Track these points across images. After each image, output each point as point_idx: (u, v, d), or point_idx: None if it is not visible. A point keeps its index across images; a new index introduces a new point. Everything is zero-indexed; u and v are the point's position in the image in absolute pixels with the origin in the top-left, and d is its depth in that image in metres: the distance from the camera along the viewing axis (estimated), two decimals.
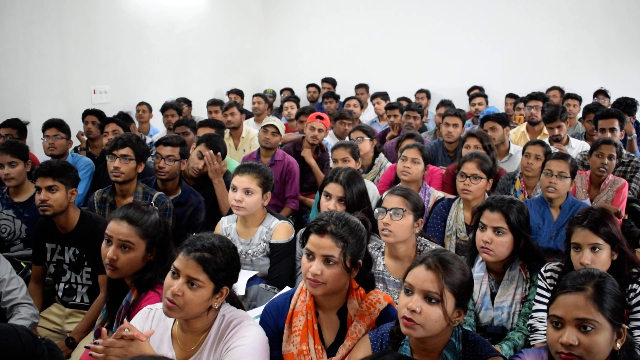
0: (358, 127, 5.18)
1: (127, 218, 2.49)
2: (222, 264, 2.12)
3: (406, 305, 2.00)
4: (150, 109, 7.12)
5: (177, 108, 6.57)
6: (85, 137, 5.75)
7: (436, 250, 2.13)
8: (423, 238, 3.13)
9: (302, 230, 3.39)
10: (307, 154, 5.23)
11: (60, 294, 3.49)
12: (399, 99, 7.71)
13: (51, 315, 3.47)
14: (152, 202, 2.69)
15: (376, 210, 3.05)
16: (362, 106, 8.12)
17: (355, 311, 2.32)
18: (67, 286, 3.46)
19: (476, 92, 7.81)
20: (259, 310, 2.78)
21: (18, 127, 5.16)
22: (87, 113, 5.82)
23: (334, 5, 9.91)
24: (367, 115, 8.39)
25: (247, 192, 3.31)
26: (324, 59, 9.97)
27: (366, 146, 4.98)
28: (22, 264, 3.71)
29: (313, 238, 2.25)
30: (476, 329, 2.90)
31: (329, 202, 3.29)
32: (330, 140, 6.13)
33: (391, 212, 2.96)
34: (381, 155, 5.15)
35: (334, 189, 3.30)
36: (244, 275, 3.15)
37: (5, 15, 5.94)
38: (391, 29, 9.45)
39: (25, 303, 3.17)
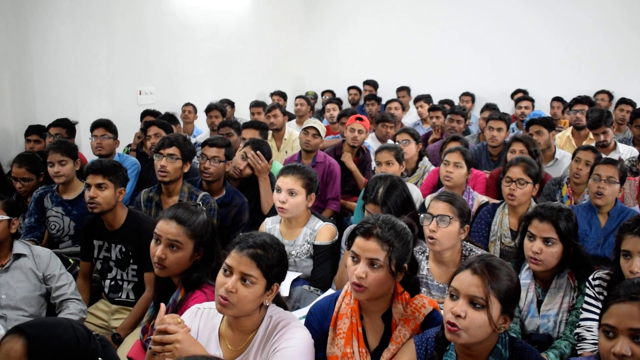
0: (404, 130, 5.14)
1: (176, 218, 2.52)
2: (273, 260, 2.14)
3: (451, 309, 1.99)
4: (195, 110, 7.22)
5: (221, 109, 6.64)
6: (140, 138, 5.85)
7: (482, 255, 2.11)
8: (468, 243, 3.10)
9: (346, 232, 3.43)
10: (348, 158, 5.22)
11: (106, 290, 3.56)
12: (442, 102, 7.64)
13: (98, 311, 3.55)
14: (200, 203, 2.71)
15: (422, 216, 3.02)
16: (404, 109, 8.08)
17: (400, 315, 2.31)
18: (113, 283, 3.53)
19: (522, 96, 7.68)
20: (302, 312, 2.80)
21: (67, 126, 5.30)
22: (145, 113, 5.95)
23: (375, 7, 9.87)
24: (409, 118, 8.35)
25: (292, 193, 3.33)
26: (366, 61, 9.94)
27: (412, 149, 4.95)
28: (70, 260, 3.78)
29: (358, 241, 2.25)
30: (521, 336, 2.86)
31: None
32: (371, 142, 6.11)
33: (437, 219, 2.93)
34: (425, 158, 5.11)
35: (373, 209, 3.25)
36: (288, 277, 3.16)
37: (56, 19, 6.11)
38: (434, 31, 9.36)
39: (74, 299, 3.25)
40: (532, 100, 7.25)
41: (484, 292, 1.95)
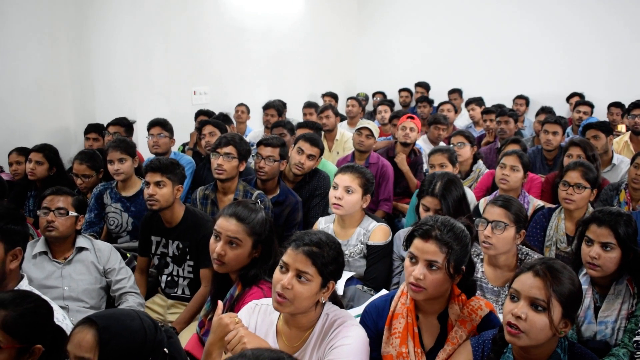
0: (459, 132, 5.11)
1: (235, 215, 2.56)
2: (329, 257, 2.16)
3: (511, 311, 1.98)
4: (248, 110, 7.31)
5: (278, 109, 6.71)
6: (196, 136, 5.96)
7: (545, 258, 2.10)
8: (524, 247, 3.07)
9: (401, 233, 3.44)
10: (401, 159, 5.21)
11: (162, 285, 3.65)
12: (494, 106, 7.55)
13: (154, 305, 3.62)
14: (258, 201, 2.76)
15: (476, 221, 3.00)
16: (456, 111, 8.02)
17: (456, 316, 2.31)
18: (169, 278, 3.60)
19: (580, 100, 7.51)
20: (356, 311, 2.81)
21: (125, 125, 5.44)
22: (199, 113, 6.08)
23: (428, 9, 9.81)
24: (461, 121, 8.28)
25: (348, 190, 3.35)
26: (417, 62, 9.88)
27: (466, 152, 4.92)
28: (127, 254, 3.88)
29: (417, 242, 2.25)
30: (577, 342, 2.81)
31: (427, 214, 3.26)
32: (423, 144, 6.09)
33: (492, 224, 2.91)
34: (479, 161, 5.06)
35: (430, 202, 3.24)
36: (343, 276, 3.17)
37: (116, 22, 6.28)
38: (486, 33, 9.25)
39: (132, 292, 3.34)
40: (591, 106, 7.08)
41: (545, 294, 1.94)
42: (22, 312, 1.85)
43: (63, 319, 2.36)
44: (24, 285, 2.46)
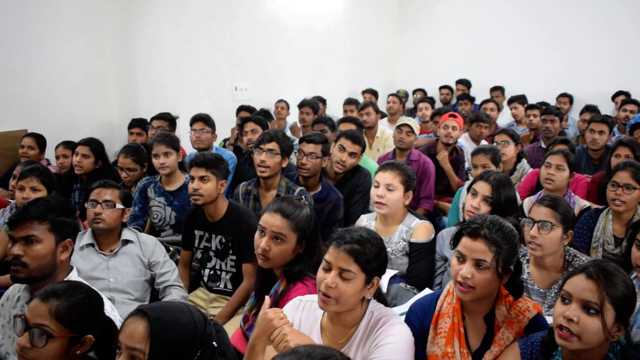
0: (503, 131, 5.03)
1: (280, 211, 2.57)
2: (371, 254, 2.14)
3: (562, 313, 1.94)
4: (288, 106, 7.34)
5: (313, 106, 6.71)
6: (237, 132, 6.00)
7: (597, 260, 2.05)
8: (572, 248, 3.01)
9: (444, 233, 3.41)
10: (443, 157, 5.17)
11: (205, 279, 3.68)
12: (539, 104, 7.42)
13: (197, 299, 3.66)
14: (303, 197, 2.76)
15: (522, 220, 2.96)
16: (499, 109, 7.91)
17: (503, 318, 2.27)
18: (212, 272, 3.63)
19: (626, 99, 7.34)
20: (399, 309, 2.80)
21: (169, 120, 5.51)
22: (241, 109, 6.10)
23: (469, 5, 9.70)
24: (502, 119, 8.16)
25: (390, 188, 3.34)
26: (458, 59, 9.77)
27: (510, 151, 4.84)
28: (170, 248, 3.92)
29: (465, 241, 2.23)
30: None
31: (474, 199, 3.22)
32: (465, 142, 6.03)
33: (539, 224, 2.86)
34: (524, 160, 4.98)
35: (482, 187, 3.23)
36: (386, 274, 3.16)
37: (160, 20, 6.35)
38: (529, 30, 9.09)
39: (176, 285, 3.38)
40: (638, 104, 6.92)
41: (598, 297, 1.89)
42: (74, 302, 1.89)
43: (111, 310, 2.40)
44: (73, 276, 2.51)
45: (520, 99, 7.67)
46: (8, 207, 4.10)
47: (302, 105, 6.80)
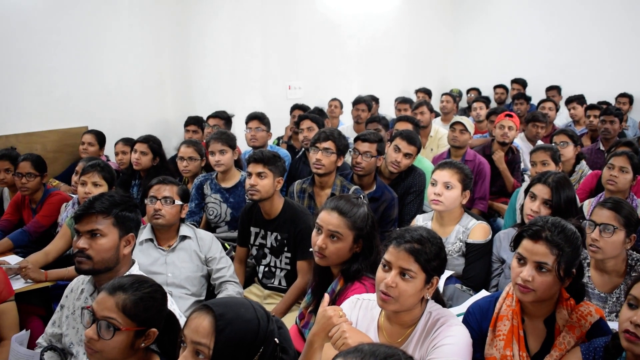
0: (562, 131, 4.93)
1: (337, 209, 2.58)
2: (431, 253, 2.13)
3: (630, 319, 1.89)
4: (341, 105, 7.34)
5: (368, 103, 6.70)
6: (292, 131, 6.05)
7: None
8: (635, 252, 2.93)
9: (501, 234, 3.36)
10: (499, 158, 5.09)
11: (260, 275, 3.72)
12: (599, 104, 7.23)
13: (251, 295, 3.70)
14: (361, 196, 2.76)
15: (583, 223, 2.89)
16: (557, 109, 7.74)
17: (564, 322, 2.23)
18: (267, 269, 3.67)
19: None
20: (455, 310, 2.77)
21: (224, 118, 5.59)
22: (295, 107, 6.16)
23: (524, 3, 9.51)
24: (559, 120, 7.98)
25: (447, 186, 3.32)
26: (513, 58, 9.58)
27: (569, 152, 4.73)
28: (226, 245, 3.97)
29: (526, 243, 2.19)
30: None
31: (534, 203, 3.17)
32: (520, 143, 5.92)
33: (600, 227, 2.79)
34: (583, 162, 4.87)
35: (540, 190, 3.17)
36: (443, 274, 3.14)
37: (216, 19, 6.45)
38: (586, 28, 8.83)
39: (232, 281, 3.42)
40: None
41: None
42: (140, 296, 1.93)
43: (171, 304, 2.44)
44: (134, 270, 2.56)
45: (579, 99, 7.48)
46: (70, 202, 4.22)
47: (357, 102, 6.80)
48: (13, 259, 3.79)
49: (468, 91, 9.53)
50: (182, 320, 2.17)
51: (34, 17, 5.49)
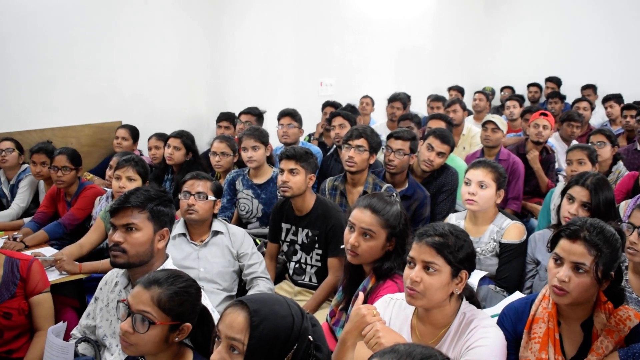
0: (599, 131, 4.85)
1: (370, 207, 2.56)
2: (455, 246, 2.11)
3: None
4: (372, 102, 7.31)
5: (403, 101, 6.68)
6: (323, 128, 6.05)
7: None
8: None
9: (537, 235, 3.31)
10: (533, 157, 5.02)
11: (290, 272, 3.72)
12: (635, 103, 7.09)
13: (281, 291, 3.70)
14: (394, 194, 2.74)
15: (623, 225, 2.83)
16: (592, 108, 7.62)
17: (602, 326, 2.18)
18: (297, 265, 3.67)
19: None
20: (488, 312, 2.73)
21: (256, 114, 5.60)
22: (326, 104, 6.16)
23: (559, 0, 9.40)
24: (594, 119, 7.84)
25: (481, 185, 3.28)
26: (547, 56, 9.44)
27: (606, 152, 4.65)
28: (257, 241, 3.99)
29: (563, 243, 2.15)
30: None
31: (571, 205, 3.11)
32: (555, 142, 5.84)
33: (639, 230, 2.74)
34: (620, 162, 4.78)
35: (578, 192, 3.11)
36: (476, 275, 3.11)
37: (248, 16, 6.48)
38: (621, 25, 8.67)
39: (263, 277, 3.44)
40: None
41: None
42: (175, 291, 1.94)
43: (204, 299, 2.45)
44: (168, 264, 2.58)
45: (617, 98, 7.33)
46: (104, 196, 4.27)
47: (392, 99, 6.76)
48: (48, 251, 3.85)
49: (502, 89, 9.42)
50: (214, 316, 2.17)
51: (69, 13, 5.57)
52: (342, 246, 2.70)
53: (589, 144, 4.46)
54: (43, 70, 5.44)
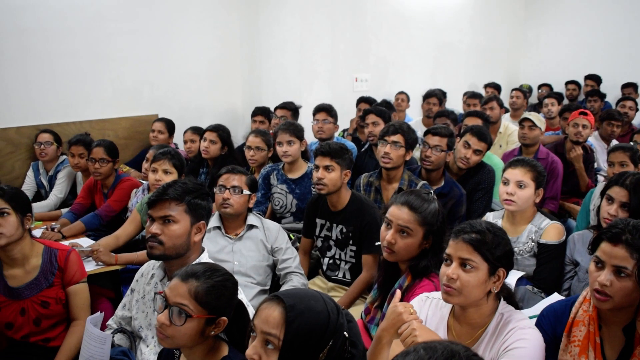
0: None
1: (408, 204, 2.54)
2: (492, 243, 2.08)
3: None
4: (408, 98, 7.26)
5: (439, 98, 6.62)
6: (356, 123, 6.03)
7: None
8: None
9: (575, 236, 3.24)
10: (577, 156, 4.92)
11: (324, 267, 3.71)
12: None
13: (315, 286, 3.69)
14: (432, 191, 2.71)
15: None
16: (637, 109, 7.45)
17: None
18: (331, 261, 3.66)
19: None
20: (526, 313, 2.68)
21: (292, 109, 5.60)
22: (361, 100, 6.15)
23: None
24: (636, 120, 7.68)
25: (520, 185, 3.23)
26: (587, 54, 9.25)
27: None
28: (290, 235, 3.98)
29: (605, 246, 2.09)
30: None
31: (611, 206, 3.03)
32: (594, 142, 5.73)
33: None
34: None
35: (617, 192, 3.03)
36: (513, 275, 3.06)
37: (285, 11, 6.45)
38: None
39: (297, 272, 3.43)
40: None
41: None
42: (212, 284, 1.94)
43: (239, 293, 2.46)
44: (204, 258, 2.59)
45: None
46: (140, 188, 4.32)
47: (428, 95, 6.71)
48: (85, 242, 3.90)
49: (539, 87, 9.27)
50: (249, 310, 2.17)
51: (107, 7, 5.63)
52: (377, 243, 2.68)
53: (631, 144, 4.35)
54: (82, 63, 5.51)
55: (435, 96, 6.62)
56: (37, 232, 3.90)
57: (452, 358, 1.24)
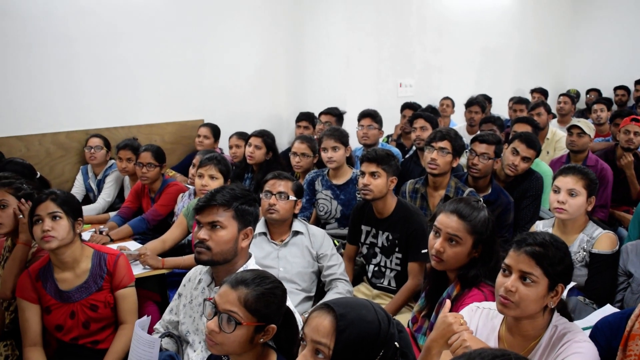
0: None
1: (457, 212, 2.50)
2: (555, 258, 2.03)
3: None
4: (453, 104, 7.19)
5: (482, 105, 6.52)
6: (400, 129, 6.00)
7: None
8: None
9: (629, 246, 3.15)
10: (628, 162, 4.80)
11: (369, 275, 3.68)
12: None
13: (359, 294, 3.66)
14: (481, 199, 2.66)
15: None
16: None
17: None
18: (376, 268, 3.63)
19: None
20: (578, 324, 2.62)
21: (336, 115, 5.59)
22: (405, 106, 6.15)
23: None
24: None
25: (572, 193, 3.15)
26: (637, 58, 9.07)
27: None
28: (335, 242, 3.97)
29: None
30: None
31: None
32: None
33: None
34: None
35: None
36: None
37: (330, 18, 6.47)
38: None
39: (342, 279, 3.41)
40: None
41: None
42: (262, 291, 1.94)
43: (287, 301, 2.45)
44: (251, 264, 2.59)
45: None
46: (186, 193, 4.36)
47: (470, 103, 6.62)
48: (132, 245, 3.96)
49: (588, 92, 9.08)
50: (297, 317, 2.16)
51: (157, 15, 5.70)
52: (423, 251, 2.64)
53: None
54: (131, 69, 5.60)
55: (477, 104, 6.52)
56: (85, 235, 3.96)
57: (503, 356, 1.23)
